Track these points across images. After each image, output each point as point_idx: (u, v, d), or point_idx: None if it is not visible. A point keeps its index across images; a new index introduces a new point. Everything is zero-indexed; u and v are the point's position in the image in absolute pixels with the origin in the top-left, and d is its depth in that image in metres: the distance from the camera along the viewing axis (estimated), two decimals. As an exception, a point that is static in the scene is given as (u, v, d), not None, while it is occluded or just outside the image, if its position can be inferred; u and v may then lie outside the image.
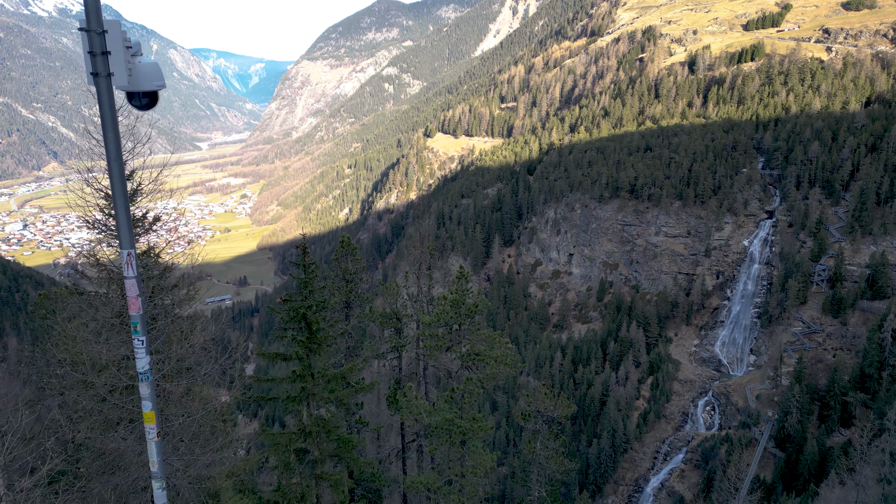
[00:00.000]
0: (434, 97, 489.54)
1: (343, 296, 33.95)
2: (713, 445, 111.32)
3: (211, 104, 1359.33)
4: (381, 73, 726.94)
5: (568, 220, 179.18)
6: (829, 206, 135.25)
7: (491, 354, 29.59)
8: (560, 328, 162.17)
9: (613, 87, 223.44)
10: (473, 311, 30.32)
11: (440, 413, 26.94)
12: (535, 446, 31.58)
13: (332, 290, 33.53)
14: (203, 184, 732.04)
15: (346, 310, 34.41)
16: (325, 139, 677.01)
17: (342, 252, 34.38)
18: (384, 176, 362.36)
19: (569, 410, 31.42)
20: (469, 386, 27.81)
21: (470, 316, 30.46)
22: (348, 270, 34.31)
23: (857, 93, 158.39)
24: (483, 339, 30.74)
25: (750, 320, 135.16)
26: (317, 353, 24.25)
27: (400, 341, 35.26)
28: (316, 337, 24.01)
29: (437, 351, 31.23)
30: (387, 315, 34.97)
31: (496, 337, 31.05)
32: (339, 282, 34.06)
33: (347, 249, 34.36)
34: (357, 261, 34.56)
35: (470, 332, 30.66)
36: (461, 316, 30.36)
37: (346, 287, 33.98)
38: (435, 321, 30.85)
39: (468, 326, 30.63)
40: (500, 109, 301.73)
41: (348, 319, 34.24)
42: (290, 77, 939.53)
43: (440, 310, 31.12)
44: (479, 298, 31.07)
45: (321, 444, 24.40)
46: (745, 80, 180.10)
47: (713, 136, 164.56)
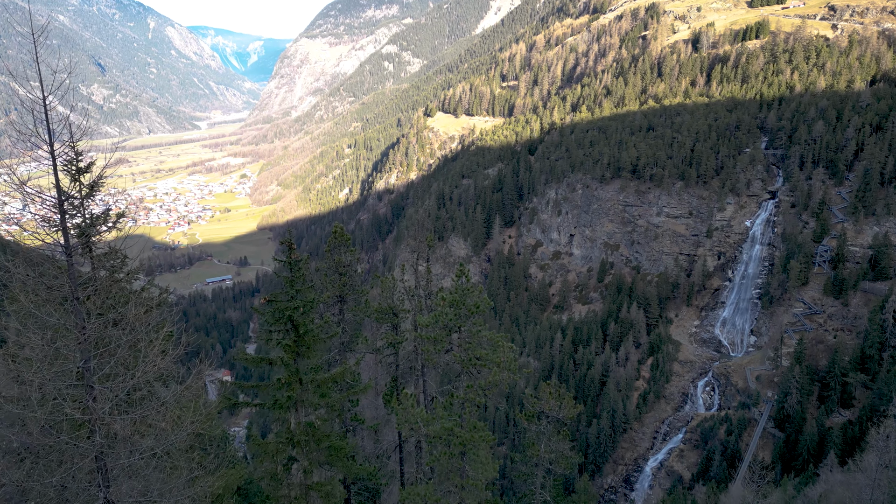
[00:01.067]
0: (434, 76, 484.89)
1: (336, 289, 32.31)
2: (712, 426, 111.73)
3: (209, 83, 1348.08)
4: (380, 51, 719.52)
5: (569, 200, 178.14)
6: (833, 186, 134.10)
7: (493, 359, 27.52)
8: (560, 309, 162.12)
9: (616, 66, 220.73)
10: (474, 311, 28.09)
11: (438, 422, 25.39)
12: (539, 448, 30.34)
13: (324, 284, 31.97)
14: (202, 163, 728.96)
15: (340, 303, 32.76)
16: (324, 118, 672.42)
17: (335, 243, 32.58)
18: (384, 156, 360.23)
19: (575, 411, 29.87)
20: (470, 394, 26.25)
21: (470, 317, 28.21)
22: (341, 263, 32.46)
23: (863, 71, 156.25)
24: (484, 343, 28.63)
25: (750, 301, 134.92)
26: (305, 357, 22.70)
27: (396, 337, 33.47)
28: (304, 340, 22.44)
29: (434, 355, 29.15)
30: (382, 310, 33.22)
31: (499, 340, 28.79)
32: (333, 274, 32.37)
33: (341, 240, 32.50)
34: (351, 252, 32.76)
35: (470, 335, 28.43)
36: (461, 317, 28.17)
37: (339, 280, 32.23)
38: (432, 322, 28.67)
39: (468, 327, 28.30)
40: (501, 88, 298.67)
41: (342, 313, 32.69)
42: (289, 55, 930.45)
43: (438, 311, 28.93)
44: (481, 298, 28.74)
45: (311, 454, 22.96)
46: (749, 58, 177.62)
47: (716, 116, 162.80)
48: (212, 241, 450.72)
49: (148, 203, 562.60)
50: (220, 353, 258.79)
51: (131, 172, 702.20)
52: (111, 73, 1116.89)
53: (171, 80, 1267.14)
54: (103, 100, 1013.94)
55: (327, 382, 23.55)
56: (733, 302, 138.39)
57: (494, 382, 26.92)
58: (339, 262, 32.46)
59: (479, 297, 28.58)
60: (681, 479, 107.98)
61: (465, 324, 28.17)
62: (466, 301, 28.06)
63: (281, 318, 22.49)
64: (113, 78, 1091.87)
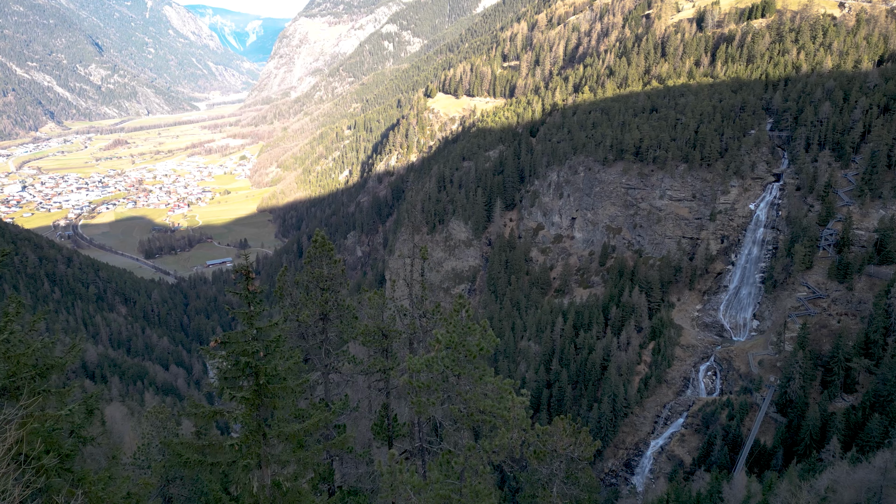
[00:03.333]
0: (435, 55, 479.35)
1: (318, 307, 28.65)
2: (714, 410, 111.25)
3: (208, 63, 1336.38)
4: (380, 30, 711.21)
5: (571, 183, 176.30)
6: (839, 168, 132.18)
7: (499, 413, 22.99)
8: (561, 293, 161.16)
9: (619, 46, 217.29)
10: (476, 353, 23.39)
11: (432, 487, 21.58)
12: (551, 492, 25.87)
13: (304, 301, 28.47)
14: (202, 145, 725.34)
15: (323, 322, 29.10)
16: (323, 99, 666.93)
17: (316, 252, 28.87)
18: (384, 137, 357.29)
19: (592, 449, 25.37)
20: (472, 459, 22.05)
21: (472, 360, 23.57)
22: (323, 277, 28.63)
23: (870, 51, 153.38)
24: (490, 392, 23.97)
25: (754, 285, 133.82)
26: (270, 407, 19.26)
27: (387, 363, 29.99)
28: (267, 389, 18.75)
29: (428, 406, 24.20)
30: (370, 332, 29.66)
31: (506, 388, 24.12)
32: (314, 290, 28.84)
33: (322, 250, 28.80)
34: (335, 263, 29.21)
35: (472, 382, 23.75)
36: (459, 363, 23.46)
37: (321, 296, 28.56)
38: (424, 367, 23.91)
39: (469, 371, 23.68)
40: (503, 68, 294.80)
41: (325, 333, 29.16)
42: (288, 35, 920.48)
43: (432, 356, 24.09)
44: (485, 336, 23.90)
45: None
46: (754, 37, 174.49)
47: (721, 97, 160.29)
48: (212, 223, 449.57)
49: (147, 185, 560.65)
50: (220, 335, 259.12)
51: (130, 154, 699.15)
52: (109, 53, 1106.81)
53: (169, 60, 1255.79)
54: (101, 80, 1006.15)
55: (299, 434, 19.83)
56: (736, 286, 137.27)
57: (503, 446, 22.43)
58: (319, 275, 28.70)
59: (482, 335, 23.98)
60: (682, 464, 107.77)
61: (464, 370, 23.66)
62: (466, 341, 23.41)
63: (237, 363, 18.83)
64: (111, 58, 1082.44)
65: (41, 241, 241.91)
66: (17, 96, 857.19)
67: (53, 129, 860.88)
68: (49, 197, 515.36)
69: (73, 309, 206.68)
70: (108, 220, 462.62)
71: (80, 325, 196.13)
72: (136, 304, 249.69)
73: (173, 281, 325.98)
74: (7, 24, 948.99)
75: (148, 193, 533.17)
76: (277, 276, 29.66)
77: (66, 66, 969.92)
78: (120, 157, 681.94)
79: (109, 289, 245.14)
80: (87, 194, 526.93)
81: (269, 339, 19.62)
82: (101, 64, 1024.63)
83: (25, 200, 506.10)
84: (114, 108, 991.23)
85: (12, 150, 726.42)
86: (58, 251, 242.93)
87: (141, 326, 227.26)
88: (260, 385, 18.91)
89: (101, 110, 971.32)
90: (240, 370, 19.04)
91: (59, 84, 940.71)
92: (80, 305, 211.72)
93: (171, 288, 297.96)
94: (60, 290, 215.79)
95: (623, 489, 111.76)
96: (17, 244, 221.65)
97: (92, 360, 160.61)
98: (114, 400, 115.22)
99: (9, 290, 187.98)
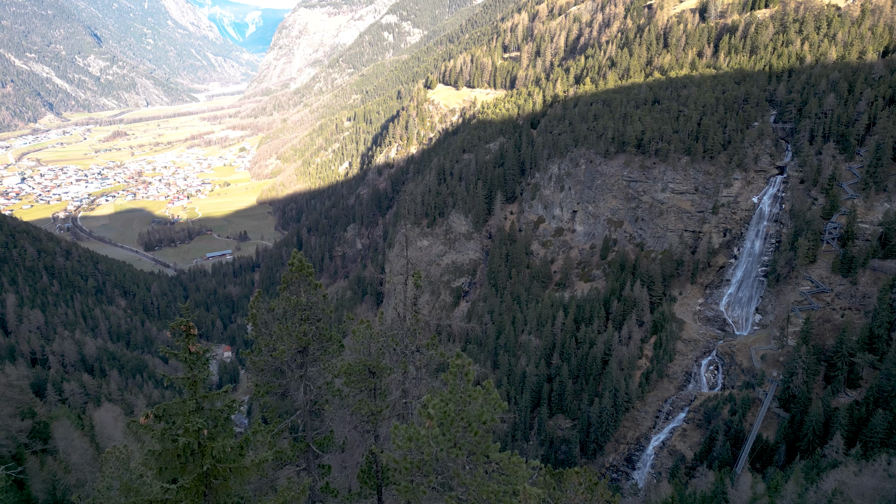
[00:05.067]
0: (435, 46, 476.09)
1: (296, 341, 24.85)
2: (716, 405, 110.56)
3: (207, 54, 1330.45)
4: (380, 21, 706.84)
5: (572, 176, 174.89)
6: (843, 161, 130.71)
7: (507, 501, 18.64)
8: (562, 287, 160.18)
9: (621, 37, 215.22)
10: (479, 427, 18.89)
11: None
12: None
13: (279, 333, 24.72)
14: (201, 136, 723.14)
15: (302, 356, 25.52)
16: (323, 90, 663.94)
17: (293, 278, 25.17)
18: (384, 129, 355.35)
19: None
20: None
21: (472, 433, 19.00)
22: (301, 305, 24.82)
23: (875, 42, 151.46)
24: (499, 474, 19.22)
25: (756, 279, 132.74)
26: (220, 491, 16.04)
27: (375, 405, 26.58)
28: (216, 472, 15.59)
29: (419, 494, 19.05)
30: (355, 371, 25.91)
31: (516, 470, 19.30)
32: (291, 320, 25.12)
33: (300, 273, 25.16)
34: (314, 288, 25.33)
35: (473, 461, 19.07)
36: (457, 442, 18.96)
37: (300, 328, 24.86)
38: (415, 448, 19.28)
39: (470, 445, 19.16)
40: (503, 59, 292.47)
41: (304, 367, 25.46)
42: (288, 26, 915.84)
43: (422, 432, 19.22)
44: (489, 400, 19.41)
45: None
46: (758, 28, 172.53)
47: (724, 88, 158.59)
48: (211, 215, 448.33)
49: (147, 177, 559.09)
50: (220, 328, 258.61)
51: (129, 145, 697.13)
52: (107, 43, 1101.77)
53: (168, 51, 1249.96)
54: (100, 71, 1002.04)
55: None
56: (739, 280, 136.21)
57: None
58: (297, 304, 24.78)
59: (485, 401, 19.38)
60: (683, 459, 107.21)
61: (463, 447, 18.91)
62: (466, 411, 18.98)
63: (175, 443, 15.39)
64: (109, 49, 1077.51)
65: (40, 234, 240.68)
66: (15, 88, 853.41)
67: (52, 120, 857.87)
68: (48, 189, 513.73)
69: (72, 302, 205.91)
70: (108, 212, 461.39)
71: (79, 319, 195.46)
72: (136, 296, 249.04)
73: (173, 273, 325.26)
74: (5, 14, 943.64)
75: (147, 185, 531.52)
76: (250, 303, 25.67)
77: (65, 58, 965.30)
78: (119, 149, 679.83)
79: (109, 281, 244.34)
80: (87, 186, 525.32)
81: (217, 410, 16.46)
82: (100, 55, 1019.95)
83: (25, 192, 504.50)
84: (113, 100, 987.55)
85: (11, 142, 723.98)
86: (56, 244, 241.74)
87: (140, 319, 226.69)
88: (205, 470, 15.42)
89: (100, 102, 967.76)
90: (179, 452, 15.40)
91: (57, 75, 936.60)
92: (79, 298, 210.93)
93: (171, 280, 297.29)
94: (59, 283, 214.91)
95: (624, 485, 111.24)
96: (15, 237, 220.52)
97: (91, 353, 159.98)
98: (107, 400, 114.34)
99: (7, 284, 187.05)
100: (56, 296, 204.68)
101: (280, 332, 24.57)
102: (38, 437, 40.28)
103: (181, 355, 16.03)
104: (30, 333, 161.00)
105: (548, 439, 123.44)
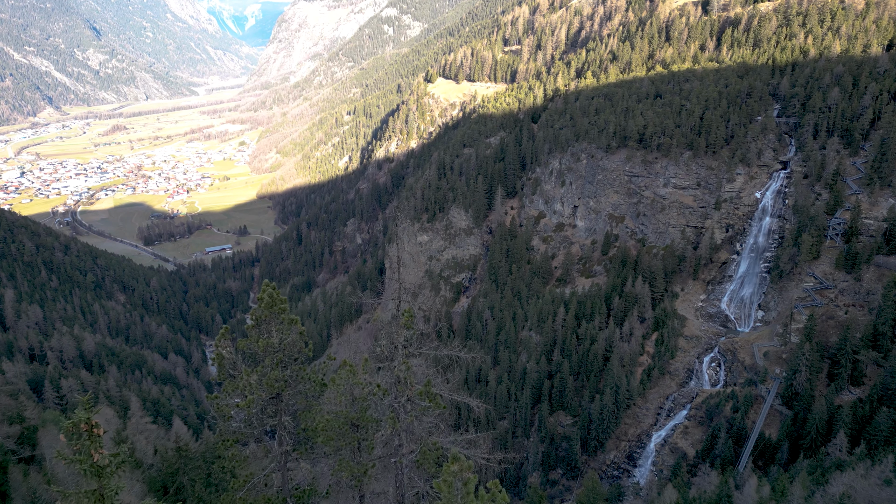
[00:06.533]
0: (435, 40, 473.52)
1: (268, 387, 21.37)
2: (718, 403, 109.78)
3: (206, 47, 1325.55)
4: (380, 14, 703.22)
5: (573, 170, 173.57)
6: (848, 156, 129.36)
7: None
8: (563, 282, 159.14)
9: (622, 30, 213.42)
10: None
11: None
12: None
13: (247, 383, 21.12)
14: (200, 130, 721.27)
15: (276, 402, 22.13)
16: (323, 84, 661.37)
17: (264, 315, 21.64)
18: (384, 123, 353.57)
19: None
20: None
21: None
22: (273, 347, 21.24)
23: (880, 35, 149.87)
24: None
25: (759, 275, 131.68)
26: None
27: (358, 466, 22.85)
28: None
29: None
30: (334, 427, 22.16)
31: None
32: (265, 366, 21.52)
33: (272, 311, 21.58)
34: (289, 325, 21.81)
35: None
36: None
37: (272, 373, 21.35)
38: None
39: None
40: (504, 53, 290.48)
41: (278, 415, 22.11)
42: (287, 19, 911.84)
43: None
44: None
45: None
46: (761, 21, 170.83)
47: (727, 82, 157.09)
48: (211, 209, 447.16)
49: (146, 171, 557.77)
50: (220, 323, 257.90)
51: (129, 139, 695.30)
52: (107, 37, 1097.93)
53: (167, 44, 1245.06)
54: (99, 65, 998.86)
55: None
56: (741, 276, 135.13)
57: None
58: (268, 346, 21.22)
59: None
60: (685, 456, 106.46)
61: None
62: None
63: None
64: (108, 42, 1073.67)
65: (38, 229, 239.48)
66: (14, 81, 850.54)
67: (52, 114, 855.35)
68: (48, 183, 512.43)
69: (70, 297, 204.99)
70: (107, 206, 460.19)
71: (77, 314, 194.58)
72: (135, 291, 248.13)
73: (172, 268, 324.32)
74: (4, 7, 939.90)
75: (147, 179, 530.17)
76: (215, 341, 22.07)
77: (64, 51, 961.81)
78: (119, 143, 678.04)
79: (108, 276, 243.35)
80: (86, 180, 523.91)
81: None
82: (99, 48, 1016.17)
83: (24, 187, 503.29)
84: (112, 94, 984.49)
85: (10, 136, 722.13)
86: (55, 238, 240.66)
87: (140, 314, 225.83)
88: None
89: (100, 95, 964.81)
90: None
91: (56, 69, 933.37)
92: (77, 293, 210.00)
93: (170, 275, 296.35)
94: (58, 278, 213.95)
95: (625, 482, 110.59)
96: (13, 231, 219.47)
97: (90, 349, 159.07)
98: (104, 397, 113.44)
99: (5, 279, 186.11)
100: (55, 291, 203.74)
101: (249, 378, 21.11)
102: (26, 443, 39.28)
103: (82, 462, 12.21)
104: (28, 329, 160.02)
105: (548, 436, 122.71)
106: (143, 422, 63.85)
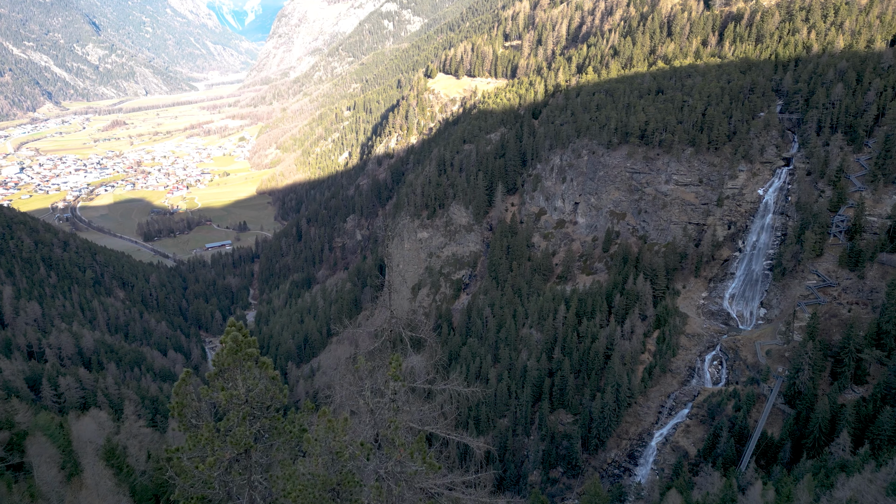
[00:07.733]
0: (435, 35, 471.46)
1: (232, 446, 18.25)
2: (720, 401, 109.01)
3: (206, 42, 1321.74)
4: (380, 9, 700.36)
5: (574, 167, 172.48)
6: (851, 153, 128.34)
7: None
8: (564, 280, 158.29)
9: (623, 25, 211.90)
10: None
11: None
12: None
13: (210, 440, 18.31)
14: (200, 126, 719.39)
15: (246, 458, 18.98)
16: (323, 79, 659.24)
17: (230, 360, 18.58)
18: (384, 119, 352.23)
19: None
20: None
21: None
22: (238, 398, 18.21)
23: (884, 30, 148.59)
24: None
25: (762, 273, 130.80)
26: None
27: None
28: None
29: None
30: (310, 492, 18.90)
31: None
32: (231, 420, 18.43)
33: (238, 356, 18.49)
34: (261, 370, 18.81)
35: None
36: None
37: (237, 429, 18.25)
38: None
39: None
40: (504, 48, 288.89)
41: (249, 474, 19.04)
42: (287, 14, 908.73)
43: None
44: None
45: None
46: (763, 16, 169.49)
47: (729, 78, 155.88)
48: (211, 205, 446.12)
49: (146, 166, 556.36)
50: (219, 319, 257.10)
51: (128, 135, 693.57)
52: (106, 32, 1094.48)
53: (167, 39, 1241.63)
54: (99, 60, 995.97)
55: None
56: (743, 273, 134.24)
57: None
58: (234, 396, 18.18)
59: None
60: (686, 455, 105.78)
61: None
62: None
63: None
64: (108, 37, 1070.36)
65: (37, 225, 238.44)
66: (13, 76, 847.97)
67: (51, 109, 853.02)
68: (47, 179, 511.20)
69: (69, 294, 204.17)
70: (107, 202, 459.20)
71: (76, 311, 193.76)
72: (134, 288, 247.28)
73: (172, 264, 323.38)
74: (3, 2, 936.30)
75: (146, 175, 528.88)
76: (174, 388, 19.03)
77: (64, 46, 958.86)
78: (118, 138, 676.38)
79: (107, 273, 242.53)
80: (86, 176, 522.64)
81: None
82: (99, 43, 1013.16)
83: (23, 182, 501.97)
84: (112, 89, 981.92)
85: (10, 131, 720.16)
86: (54, 234, 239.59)
87: (139, 311, 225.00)
88: None
89: (99, 90, 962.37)
90: None
91: (56, 64, 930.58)
92: (76, 290, 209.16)
93: (170, 271, 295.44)
94: (57, 275, 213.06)
95: (627, 481, 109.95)
96: (12, 227, 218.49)
97: (88, 346, 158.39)
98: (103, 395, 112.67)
99: (4, 276, 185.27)
100: (53, 287, 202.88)
101: (211, 435, 18.07)
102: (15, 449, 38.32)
103: None
104: (26, 326, 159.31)
105: (549, 434, 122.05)
106: (138, 425, 63.01)
